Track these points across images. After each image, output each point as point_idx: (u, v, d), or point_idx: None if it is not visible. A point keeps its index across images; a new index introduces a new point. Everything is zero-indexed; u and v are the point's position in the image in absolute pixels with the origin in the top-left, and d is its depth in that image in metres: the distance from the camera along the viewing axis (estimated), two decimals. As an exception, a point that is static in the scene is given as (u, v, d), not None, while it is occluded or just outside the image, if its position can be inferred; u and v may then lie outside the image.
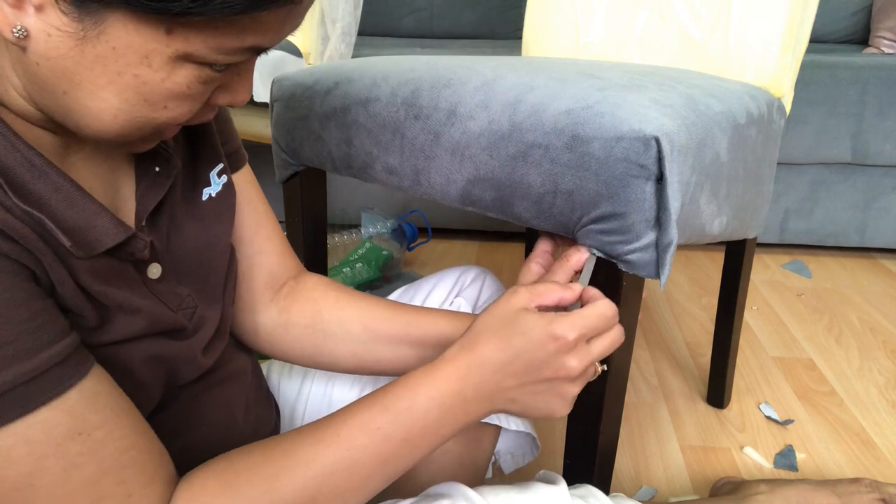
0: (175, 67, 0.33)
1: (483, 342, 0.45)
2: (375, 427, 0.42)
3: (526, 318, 0.44)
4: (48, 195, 0.35)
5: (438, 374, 0.44)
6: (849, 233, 1.70)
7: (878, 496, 0.77)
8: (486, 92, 0.60)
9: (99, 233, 0.37)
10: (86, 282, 0.37)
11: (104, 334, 0.38)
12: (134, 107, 0.34)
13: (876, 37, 2.06)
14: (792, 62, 0.86)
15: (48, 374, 0.33)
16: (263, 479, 0.40)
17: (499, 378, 0.45)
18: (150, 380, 0.43)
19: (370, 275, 1.50)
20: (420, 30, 2.41)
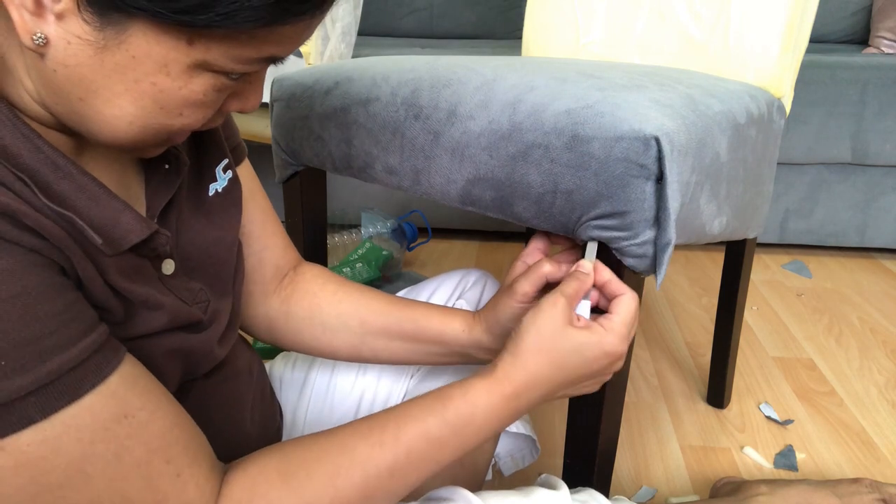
0: (193, 76, 0.34)
1: (538, 363, 0.47)
2: (436, 437, 0.45)
3: (578, 338, 0.48)
4: (74, 194, 0.35)
5: (496, 392, 0.47)
6: (849, 233, 1.70)
7: (878, 496, 0.77)
8: (486, 92, 0.60)
9: (124, 229, 0.37)
10: (112, 279, 0.37)
11: (128, 329, 0.39)
12: (150, 114, 0.34)
13: (876, 37, 2.06)
14: (792, 62, 0.86)
15: (89, 361, 0.34)
16: (323, 474, 0.42)
17: (551, 392, 0.49)
18: (170, 372, 0.43)
19: (370, 275, 1.50)
20: (420, 30, 2.41)
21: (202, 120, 0.37)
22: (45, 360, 0.32)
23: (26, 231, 0.32)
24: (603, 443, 0.62)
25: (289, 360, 0.73)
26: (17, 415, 0.31)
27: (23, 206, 0.32)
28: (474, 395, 0.46)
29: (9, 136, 0.33)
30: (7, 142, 0.33)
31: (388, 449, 0.43)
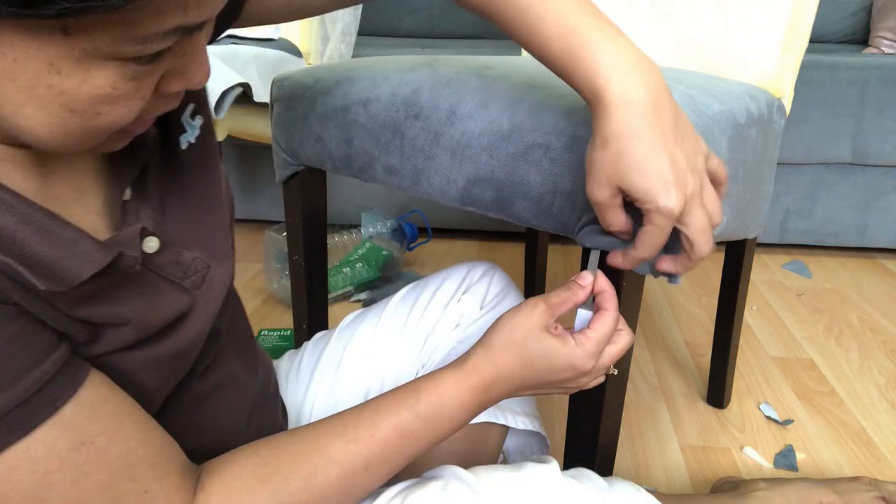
0: (90, 69, 0.29)
1: (506, 361, 0.49)
2: (409, 431, 0.46)
3: (549, 344, 0.48)
4: (16, 228, 0.32)
5: (465, 384, 0.48)
6: (849, 233, 1.70)
7: (877, 494, 0.77)
8: (486, 92, 0.60)
9: (80, 259, 0.34)
10: (65, 308, 0.35)
11: (95, 348, 0.37)
12: (63, 119, 0.31)
13: (876, 37, 2.06)
14: (792, 62, 0.86)
15: (40, 394, 0.32)
16: (300, 475, 0.42)
17: (518, 389, 0.50)
18: (152, 382, 0.42)
19: (370, 275, 1.50)
20: (420, 30, 2.41)
21: (133, 112, 0.33)
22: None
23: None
24: (603, 443, 0.62)
25: (295, 358, 0.73)
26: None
27: None
28: (444, 388, 0.47)
29: None
30: None
31: (363, 445, 0.44)
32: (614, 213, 0.47)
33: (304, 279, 0.88)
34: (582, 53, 0.44)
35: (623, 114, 0.43)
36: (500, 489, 0.49)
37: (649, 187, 0.43)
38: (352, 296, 1.49)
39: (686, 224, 0.45)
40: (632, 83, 0.43)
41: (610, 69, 0.43)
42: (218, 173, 0.48)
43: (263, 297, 1.48)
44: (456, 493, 0.49)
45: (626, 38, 0.45)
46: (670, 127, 0.44)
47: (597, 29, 0.44)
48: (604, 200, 0.46)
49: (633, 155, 0.43)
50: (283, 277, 1.41)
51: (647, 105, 0.43)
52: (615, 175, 0.44)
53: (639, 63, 0.44)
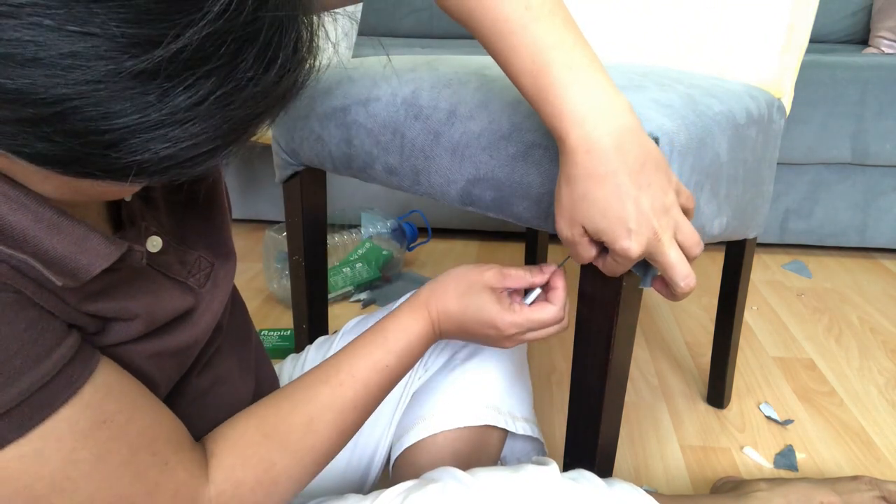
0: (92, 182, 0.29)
1: (447, 301, 0.56)
2: (384, 366, 0.52)
3: (484, 298, 0.55)
4: (30, 225, 0.33)
5: (421, 319, 0.56)
6: (849, 233, 1.70)
7: (877, 493, 0.77)
8: (486, 92, 0.60)
9: (90, 256, 0.35)
10: (76, 303, 0.36)
11: (103, 339, 0.39)
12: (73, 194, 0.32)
13: (876, 37, 2.06)
14: (792, 62, 0.86)
15: (60, 376, 0.34)
16: (300, 424, 0.47)
17: (457, 328, 0.56)
18: (157, 374, 0.43)
19: (370, 275, 1.50)
20: (420, 30, 2.41)
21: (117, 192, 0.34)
22: (14, 382, 0.31)
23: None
24: (603, 443, 0.62)
25: (297, 361, 0.74)
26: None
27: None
28: (406, 323, 0.55)
29: None
30: None
31: (349, 386, 0.50)
32: (583, 247, 0.48)
33: (304, 279, 0.88)
34: (549, 95, 0.44)
35: (584, 159, 0.43)
36: (499, 491, 0.49)
37: (609, 229, 0.44)
38: (352, 296, 1.49)
39: (658, 263, 0.47)
40: (594, 128, 0.43)
41: (574, 113, 0.43)
42: (220, 174, 0.49)
43: (263, 297, 1.48)
44: (455, 495, 0.49)
45: (600, 75, 0.44)
46: (635, 170, 0.44)
47: (567, 68, 0.43)
48: (571, 237, 0.47)
49: (594, 198, 0.44)
50: (283, 277, 1.41)
51: (610, 150, 0.43)
52: (578, 214, 0.45)
53: (605, 106, 0.44)
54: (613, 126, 0.43)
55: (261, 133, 0.38)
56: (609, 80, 0.45)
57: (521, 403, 0.72)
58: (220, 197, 0.50)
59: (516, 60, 0.44)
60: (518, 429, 0.69)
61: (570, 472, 0.55)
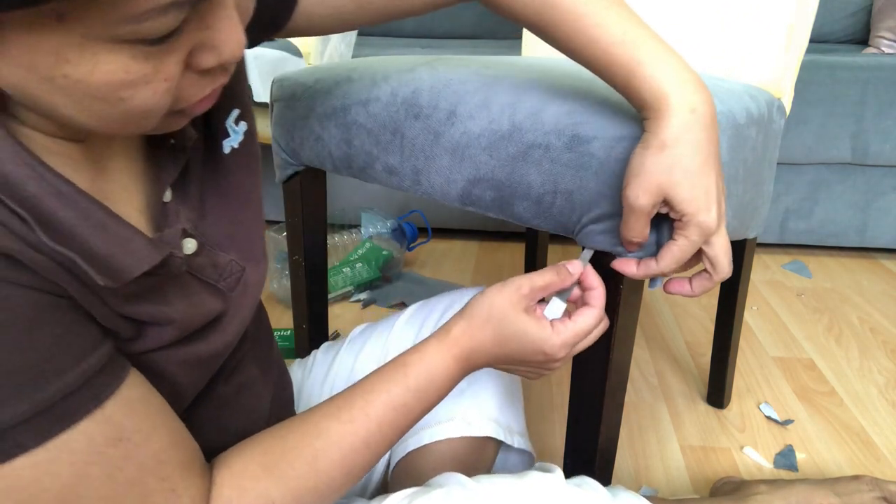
0: (96, 54, 0.28)
1: (484, 335, 0.50)
2: (401, 404, 0.48)
3: (526, 326, 0.49)
4: (78, 222, 0.33)
5: (448, 356, 0.50)
6: (849, 233, 1.70)
7: (878, 494, 0.77)
8: (486, 92, 0.60)
9: (132, 257, 0.35)
10: (117, 305, 0.36)
11: (138, 345, 0.38)
12: (91, 106, 0.30)
13: (876, 37, 2.06)
14: (792, 62, 0.86)
15: (86, 387, 0.33)
16: (304, 460, 0.44)
17: (492, 362, 0.52)
18: (185, 381, 0.43)
19: (370, 275, 1.50)
20: (420, 30, 2.41)
21: (162, 94, 0.31)
22: (42, 387, 0.31)
23: (18, 268, 0.31)
24: (603, 443, 0.62)
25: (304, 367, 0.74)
26: (11, 442, 0.31)
27: (18, 246, 0.30)
28: (431, 360, 0.49)
29: (10, 163, 0.31)
30: (8, 169, 0.31)
31: (360, 424, 0.46)
32: (645, 222, 0.47)
33: (304, 279, 0.88)
34: (648, 59, 0.45)
35: (687, 120, 0.44)
36: (505, 497, 0.49)
37: (695, 199, 0.44)
38: (352, 296, 1.49)
39: (713, 244, 0.46)
40: (694, 94, 0.44)
41: (676, 77, 0.45)
42: (258, 178, 0.49)
43: (263, 297, 1.48)
44: (460, 501, 0.49)
45: (680, 56, 0.46)
46: (715, 145, 0.45)
47: (658, 41, 0.46)
48: (645, 207, 0.46)
49: (688, 165, 0.44)
50: (283, 277, 1.41)
51: (708, 119, 0.44)
52: (666, 182, 0.45)
53: (698, 80, 0.45)
54: (708, 100, 0.45)
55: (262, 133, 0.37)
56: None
57: (517, 418, 0.73)
58: (258, 200, 0.49)
59: (605, 36, 0.46)
60: (515, 442, 0.70)
61: (573, 479, 0.55)
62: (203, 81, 0.34)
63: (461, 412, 0.68)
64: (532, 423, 1.04)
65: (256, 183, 0.49)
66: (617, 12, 0.47)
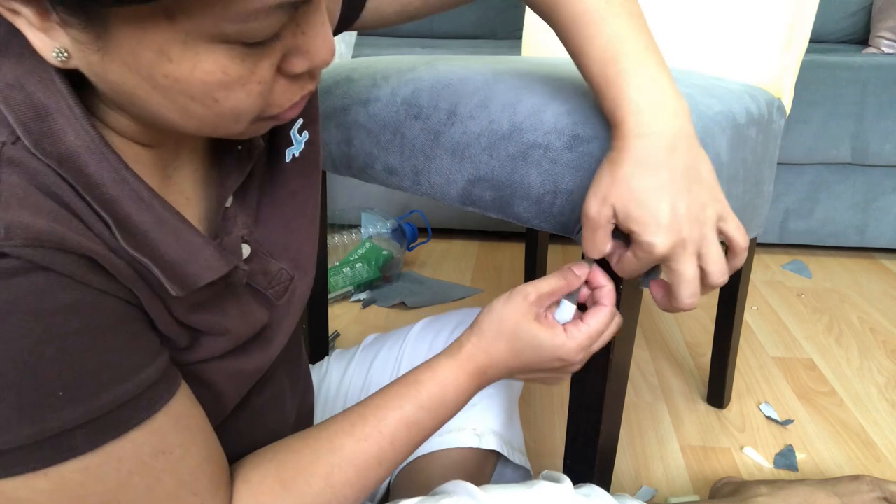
0: (198, 54, 0.29)
1: (498, 348, 0.50)
2: (414, 421, 0.47)
3: (539, 335, 0.49)
4: (153, 227, 0.34)
5: (461, 371, 0.50)
6: (849, 233, 1.70)
7: (878, 494, 0.76)
8: (486, 92, 0.60)
9: (201, 266, 0.36)
10: (180, 314, 0.36)
11: (192, 355, 0.39)
12: (186, 106, 0.31)
13: (876, 37, 2.06)
14: (792, 62, 0.86)
15: (142, 397, 0.34)
16: (319, 476, 0.44)
17: (508, 374, 0.52)
18: (230, 392, 0.43)
19: (370, 275, 1.50)
20: (420, 30, 2.41)
21: (255, 98, 0.32)
22: (101, 394, 0.32)
23: (100, 272, 0.31)
24: (603, 443, 0.62)
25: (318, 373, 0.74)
26: (65, 445, 0.31)
27: (100, 249, 0.31)
28: (443, 377, 0.49)
29: (94, 164, 0.32)
30: (92, 170, 0.32)
31: (374, 441, 0.46)
32: (603, 234, 0.47)
33: (304, 279, 0.88)
34: (615, 81, 0.46)
35: (635, 144, 0.45)
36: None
37: (641, 219, 0.44)
38: (352, 296, 1.49)
39: (672, 270, 0.46)
40: (651, 120, 0.45)
41: (635, 102, 0.45)
42: (317, 189, 0.49)
43: (263, 297, 1.48)
44: None
45: (665, 77, 0.46)
46: (680, 171, 0.44)
47: (636, 61, 0.46)
48: (597, 218, 0.46)
49: (636, 185, 0.44)
50: (283, 277, 1.41)
51: (661, 144, 0.44)
52: (617, 197, 0.45)
53: (666, 104, 0.45)
54: (669, 126, 0.45)
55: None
56: (673, 84, 0.46)
57: (517, 435, 0.74)
58: (315, 210, 0.49)
59: (590, 49, 0.47)
60: (515, 458, 0.70)
61: (581, 489, 0.54)
62: (293, 87, 0.35)
63: (471, 424, 0.68)
64: (532, 422, 1.04)
65: (314, 193, 0.49)
66: (615, 23, 0.47)
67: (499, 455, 0.71)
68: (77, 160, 0.31)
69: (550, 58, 0.94)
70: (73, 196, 0.31)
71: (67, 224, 0.30)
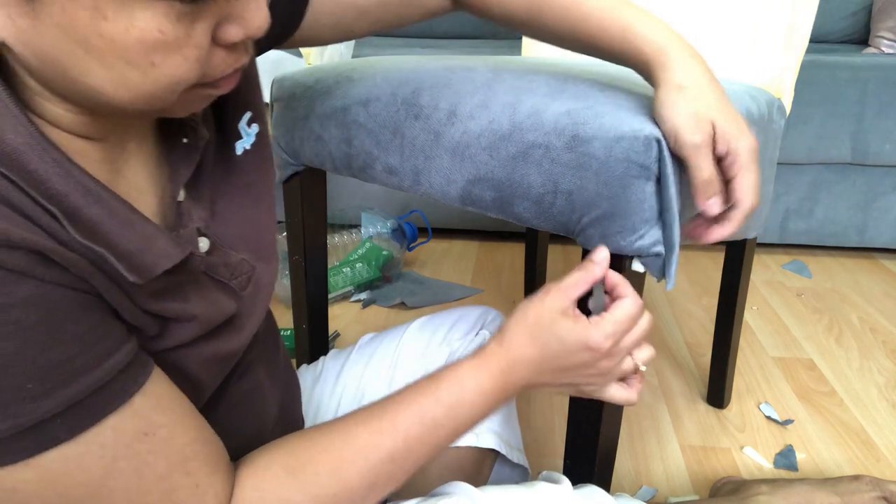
0: (133, 10, 0.29)
1: (521, 344, 0.48)
2: (430, 418, 0.46)
3: (562, 325, 0.48)
4: (104, 220, 0.34)
5: (483, 371, 0.48)
6: (849, 233, 1.70)
7: (878, 494, 0.77)
8: (486, 92, 0.60)
9: (156, 255, 0.36)
10: (143, 302, 0.36)
11: (161, 342, 0.39)
12: (123, 73, 0.31)
13: (876, 37, 2.06)
14: (792, 62, 0.86)
15: (115, 382, 0.34)
16: (328, 466, 0.43)
17: (536, 374, 0.49)
18: (206, 379, 0.43)
19: (370, 275, 1.50)
20: (420, 30, 2.41)
21: (192, 62, 0.32)
22: (72, 382, 0.32)
23: (51, 266, 0.31)
24: (603, 443, 0.62)
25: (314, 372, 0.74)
26: (43, 436, 0.31)
27: (49, 243, 0.30)
28: (463, 374, 0.48)
29: (37, 160, 0.31)
30: (35, 167, 0.31)
31: (387, 435, 0.45)
32: (709, 155, 0.49)
33: (304, 279, 0.88)
34: (640, 21, 0.51)
35: (692, 63, 0.50)
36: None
37: (735, 122, 0.48)
38: (352, 296, 1.49)
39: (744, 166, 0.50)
40: (687, 45, 0.51)
41: (668, 31, 0.51)
42: (271, 179, 0.49)
43: (263, 297, 1.48)
44: None
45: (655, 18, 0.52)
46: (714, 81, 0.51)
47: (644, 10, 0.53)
48: (704, 139, 0.48)
49: (712, 96, 0.49)
50: (283, 277, 1.41)
51: (705, 65, 0.51)
52: (706, 110, 0.48)
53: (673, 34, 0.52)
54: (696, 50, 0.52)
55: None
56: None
57: (515, 434, 0.74)
58: (270, 201, 0.49)
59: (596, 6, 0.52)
60: (514, 457, 0.70)
61: (581, 489, 0.54)
62: (229, 58, 0.35)
63: None
64: (532, 422, 1.04)
65: (269, 184, 0.49)
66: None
67: (497, 453, 0.71)
68: (19, 158, 0.31)
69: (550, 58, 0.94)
70: (16, 193, 0.31)
71: (11, 220, 0.30)
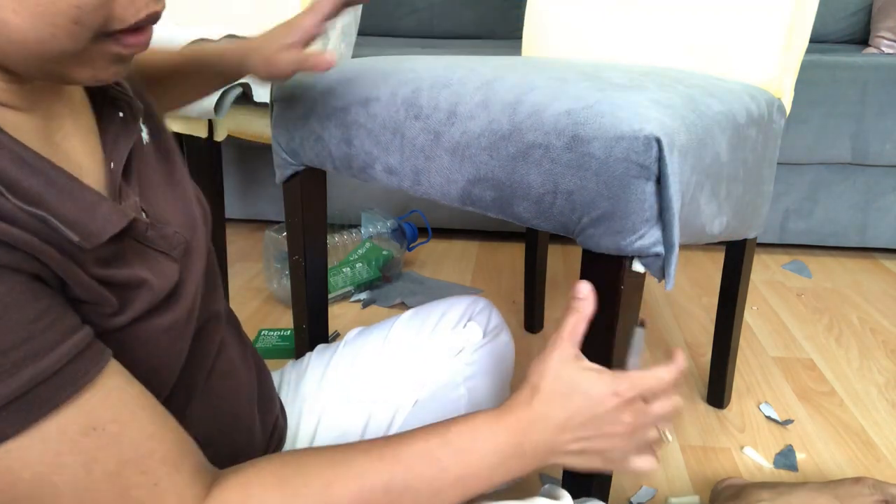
0: None
1: (544, 401, 0.46)
2: (435, 458, 0.44)
3: (587, 377, 0.46)
4: (44, 190, 0.33)
5: (501, 425, 0.45)
6: (849, 233, 1.70)
7: (879, 497, 0.76)
8: (486, 92, 0.60)
9: (101, 222, 0.35)
10: (95, 270, 0.36)
11: (121, 317, 0.38)
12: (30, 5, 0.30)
13: (876, 37, 2.06)
14: (792, 62, 0.86)
15: (63, 372, 0.33)
16: (319, 482, 0.41)
17: (557, 433, 0.46)
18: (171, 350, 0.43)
19: (370, 275, 1.50)
20: (420, 30, 2.41)
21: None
22: (16, 372, 0.31)
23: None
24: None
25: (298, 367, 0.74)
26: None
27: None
28: (477, 423, 0.45)
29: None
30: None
31: (387, 464, 0.43)
32: None
33: (304, 279, 0.88)
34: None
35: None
36: None
37: None
38: (352, 296, 1.49)
39: None
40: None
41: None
42: (176, 157, 0.50)
43: (263, 297, 1.48)
44: None
45: None
46: None
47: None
48: None
49: None
50: (283, 277, 1.41)
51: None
52: None
53: None
54: None
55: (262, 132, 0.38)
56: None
57: None
58: (182, 175, 0.50)
59: None
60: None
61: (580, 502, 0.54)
62: (137, 2, 0.35)
63: None
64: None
65: (176, 160, 0.50)
66: None
67: None
68: None
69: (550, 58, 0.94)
70: None
71: None
